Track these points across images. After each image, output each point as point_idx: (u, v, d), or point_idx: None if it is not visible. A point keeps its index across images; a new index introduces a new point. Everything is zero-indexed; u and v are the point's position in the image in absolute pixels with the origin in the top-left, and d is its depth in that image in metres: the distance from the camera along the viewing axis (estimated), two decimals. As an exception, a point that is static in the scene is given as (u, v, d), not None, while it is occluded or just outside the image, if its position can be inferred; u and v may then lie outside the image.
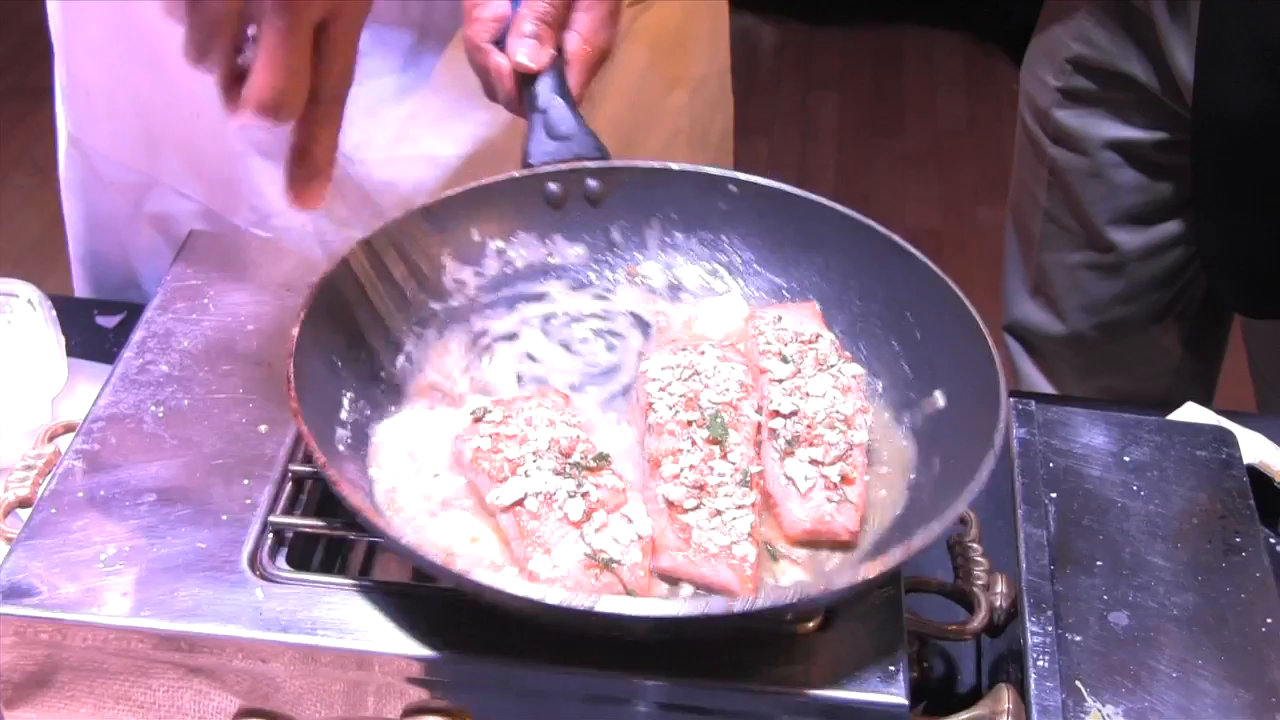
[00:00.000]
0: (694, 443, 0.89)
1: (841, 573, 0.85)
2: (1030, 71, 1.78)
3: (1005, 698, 0.84)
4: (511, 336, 1.03)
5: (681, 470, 0.87)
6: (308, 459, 0.90)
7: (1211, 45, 1.48)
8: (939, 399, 0.95)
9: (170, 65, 1.29)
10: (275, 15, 0.84)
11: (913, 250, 1.00)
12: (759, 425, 0.92)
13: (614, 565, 0.82)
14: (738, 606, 0.78)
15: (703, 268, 1.08)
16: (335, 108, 0.90)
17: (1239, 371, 1.83)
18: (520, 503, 0.85)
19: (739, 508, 0.86)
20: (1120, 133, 1.70)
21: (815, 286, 1.05)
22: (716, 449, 0.89)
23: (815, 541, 0.88)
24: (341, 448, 0.91)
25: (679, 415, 0.91)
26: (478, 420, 0.91)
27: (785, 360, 0.96)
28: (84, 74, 1.40)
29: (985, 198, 3.35)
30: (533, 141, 1.06)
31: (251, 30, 0.87)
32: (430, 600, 0.84)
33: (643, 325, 1.05)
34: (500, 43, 1.06)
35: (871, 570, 0.80)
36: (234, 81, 0.88)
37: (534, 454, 0.88)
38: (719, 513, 0.85)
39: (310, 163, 0.91)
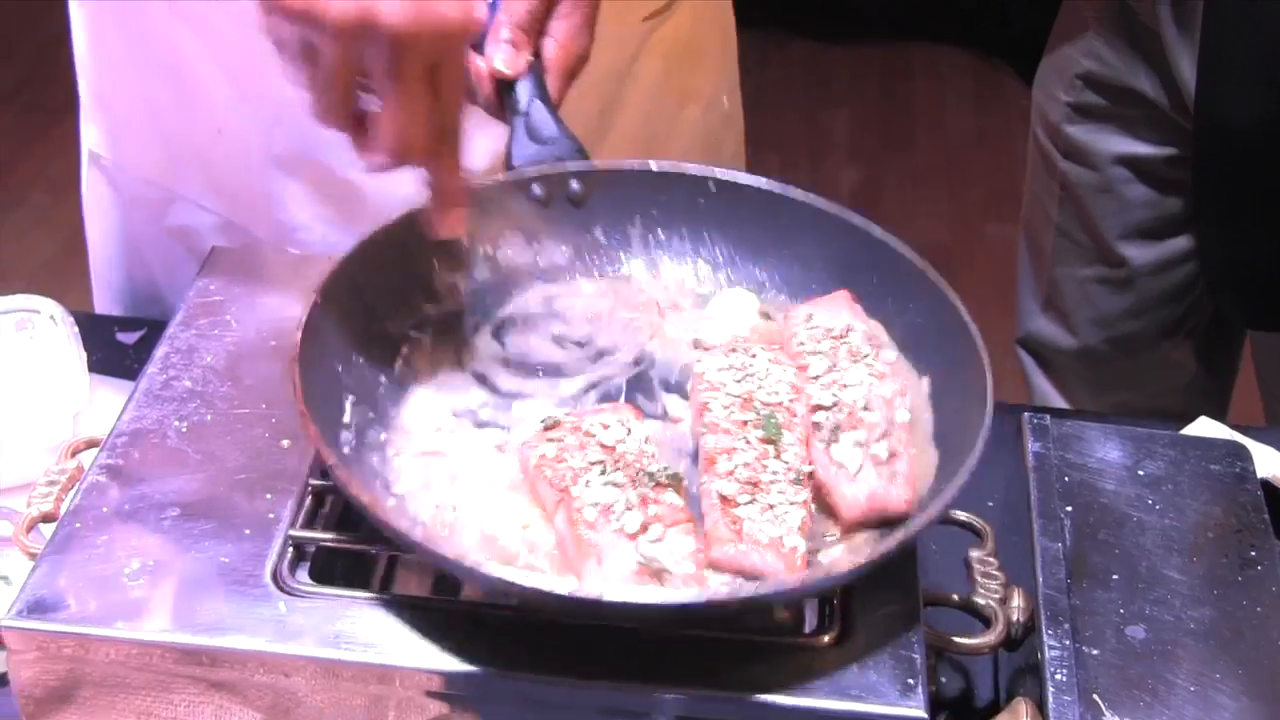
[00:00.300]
0: (748, 442, 0.91)
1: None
2: (1041, 87, 1.79)
3: (1023, 712, 0.85)
4: (502, 332, 1.06)
5: (735, 467, 0.89)
6: (328, 473, 0.90)
7: (1213, 56, 1.49)
8: (924, 385, 0.98)
9: (192, 80, 1.30)
10: (391, 68, 0.89)
11: (886, 238, 1.03)
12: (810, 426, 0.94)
13: (666, 574, 0.83)
14: (743, 592, 0.82)
15: (686, 264, 1.11)
16: (455, 137, 0.95)
17: (1252, 386, 1.83)
18: (578, 511, 0.86)
19: (791, 504, 0.87)
20: (1130, 148, 1.71)
21: (798, 278, 1.08)
22: (770, 448, 0.91)
23: (873, 521, 0.90)
24: (347, 450, 0.92)
25: (734, 415, 0.93)
26: (547, 429, 0.93)
27: (821, 356, 0.98)
28: (106, 90, 1.41)
29: (995, 213, 3.37)
30: (515, 145, 1.08)
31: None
32: (451, 614, 0.85)
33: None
34: (479, 48, 1.08)
35: (875, 553, 0.83)
36: (359, 129, 0.93)
37: (598, 464, 0.89)
38: (771, 507, 0.87)
39: (446, 192, 0.97)
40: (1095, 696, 0.85)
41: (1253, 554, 0.95)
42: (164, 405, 0.98)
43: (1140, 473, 1.01)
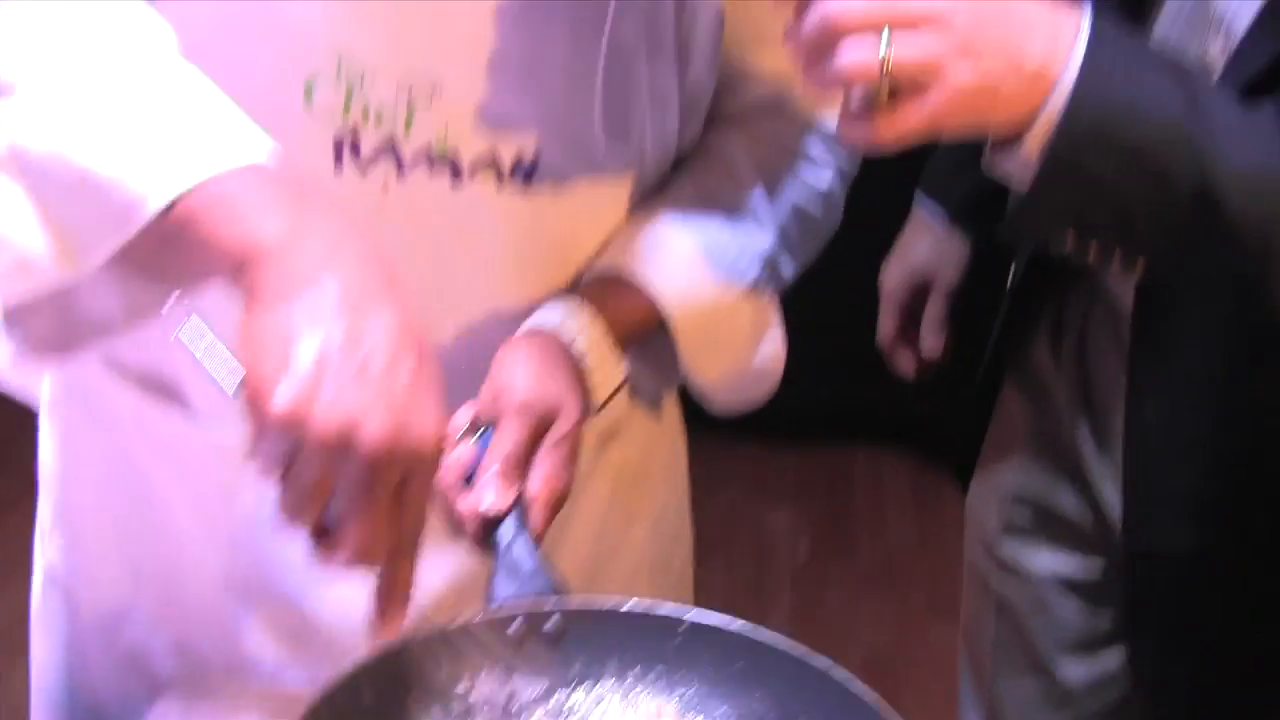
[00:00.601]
0: None
1: None
2: (975, 504, 1.86)
3: None
4: None
5: None
6: None
7: (1137, 483, 1.55)
8: None
9: (158, 502, 1.36)
10: (363, 483, 0.93)
11: (856, 692, 1.06)
12: None
13: None
14: None
15: (659, 702, 1.12)
16: (414, 546, 0.99)
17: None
18: None
19: None
20: (1061, 565, 1.74)
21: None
22: None
23: None
24: None
25: None
26: None
27: None
28: (72, 508, 1.46)
29: (937, 615, 3.42)
30: (496, 582, 1.11)
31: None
32: None
33: None
34: (467, 482, 1.14)
35: None
36: (322, 531, 0.96)
37: None
38: None
39: (393, 594, 1.00)
40: None
41: None
42: None
43: None
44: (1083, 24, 1.14)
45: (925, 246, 1.88)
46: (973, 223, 1.85)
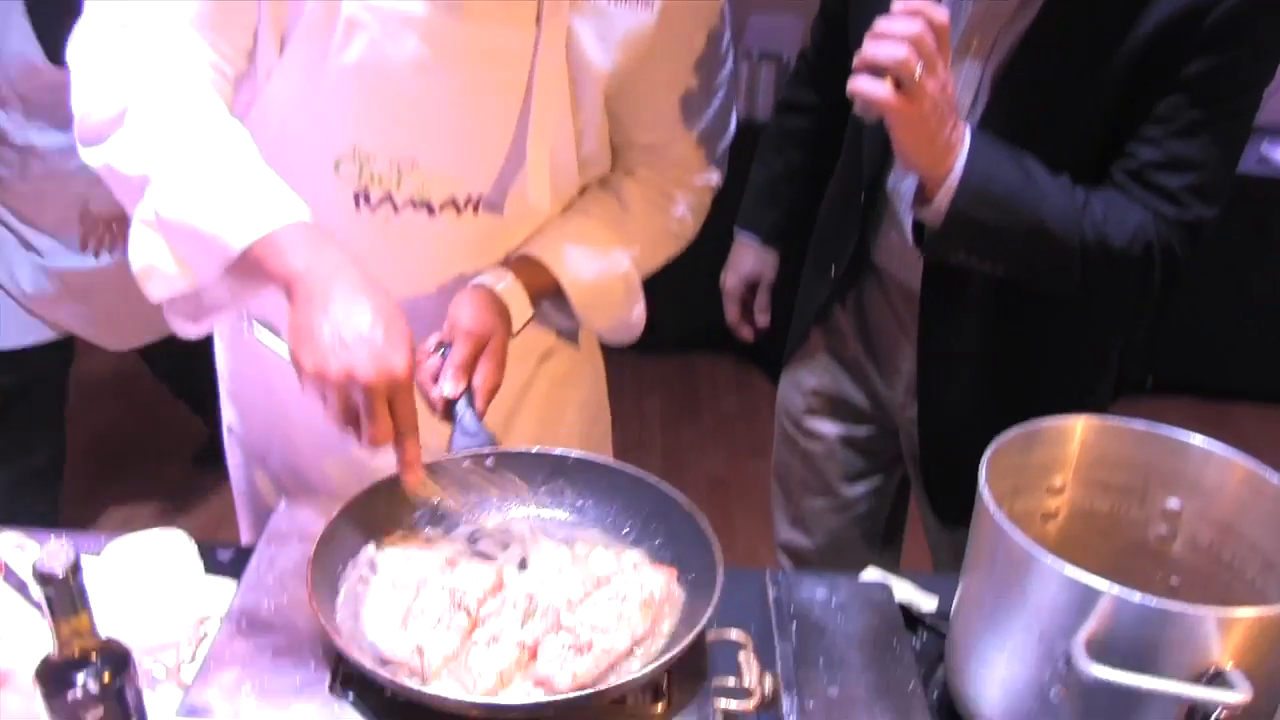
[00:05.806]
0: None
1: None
2: (784, 392, 2.09)
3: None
4: (449, 528, 1.29)
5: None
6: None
7: (929, 383, 1.78)
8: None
9: (278, 390, 1.66)
10: (367, 401, 1.15)
11: (672, 493, 1.26)
12: None
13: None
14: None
15: (557, 511, 1.32)
16: (410, 433, 1.19)
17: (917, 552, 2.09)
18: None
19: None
20: (846, 431, 2.01)
21: (613, 518, 1.31)
22: None
23: None
24: (343, 593, 1.18)
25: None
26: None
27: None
28: (237, 395, 1.74)
29: (755, 455, 3.81)
30: (454, 439, 1.29)
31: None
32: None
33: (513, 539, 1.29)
34: (435, 380, 1.33)
35: (643, 671, 1.07)
36: (358, 429, 1.18)
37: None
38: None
39: (406, 458, 1.21)
40: (812, 731, 1.11)
41: (893, 642, 1.23)
42: (258, 593, 1.21)
43: (833, 602, 1.27)
44: (966, 134, 1.42)
45: (750, 260, 2.10)
46: (779, 241, 2.11)
